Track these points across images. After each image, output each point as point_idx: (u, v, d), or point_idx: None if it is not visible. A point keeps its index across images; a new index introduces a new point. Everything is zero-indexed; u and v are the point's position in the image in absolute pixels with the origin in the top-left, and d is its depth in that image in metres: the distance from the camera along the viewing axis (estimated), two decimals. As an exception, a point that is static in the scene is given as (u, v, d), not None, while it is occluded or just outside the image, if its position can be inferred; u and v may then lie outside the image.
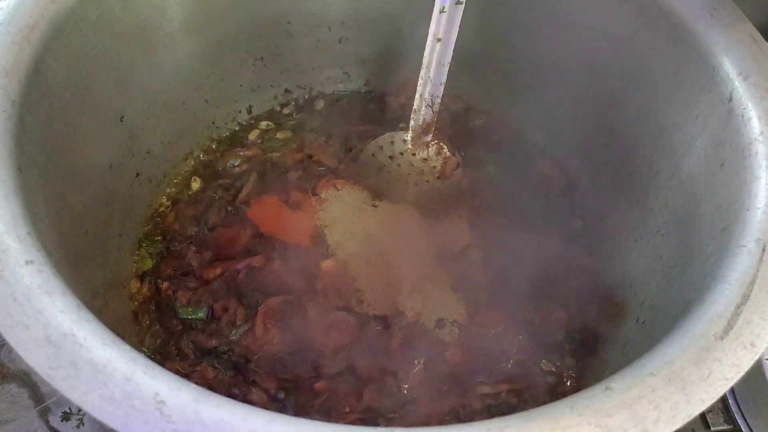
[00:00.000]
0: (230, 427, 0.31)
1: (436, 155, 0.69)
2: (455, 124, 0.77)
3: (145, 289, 0.64)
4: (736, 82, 0.48)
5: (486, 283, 0.64)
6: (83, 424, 0.64)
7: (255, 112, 0.79)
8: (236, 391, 0.57)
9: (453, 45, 0.59)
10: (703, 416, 0.65)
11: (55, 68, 0.48)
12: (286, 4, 0.70)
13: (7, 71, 0.44)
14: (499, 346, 0.61)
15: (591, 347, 0.61)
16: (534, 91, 0.72)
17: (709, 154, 0.50)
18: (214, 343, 0.60)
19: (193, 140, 0.74)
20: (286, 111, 0.80)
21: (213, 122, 0.75)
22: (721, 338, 0.36)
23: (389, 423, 0.55)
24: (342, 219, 0.67)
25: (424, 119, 0.66)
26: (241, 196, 0.69)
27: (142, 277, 0.64)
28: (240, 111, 0.78)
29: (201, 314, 0.61)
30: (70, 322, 0.34)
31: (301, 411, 0.56)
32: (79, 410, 0.65)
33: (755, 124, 0.46)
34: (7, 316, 0.34)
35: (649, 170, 0.59)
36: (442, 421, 0.56)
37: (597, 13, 0.60)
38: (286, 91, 0.80)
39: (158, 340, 0.61)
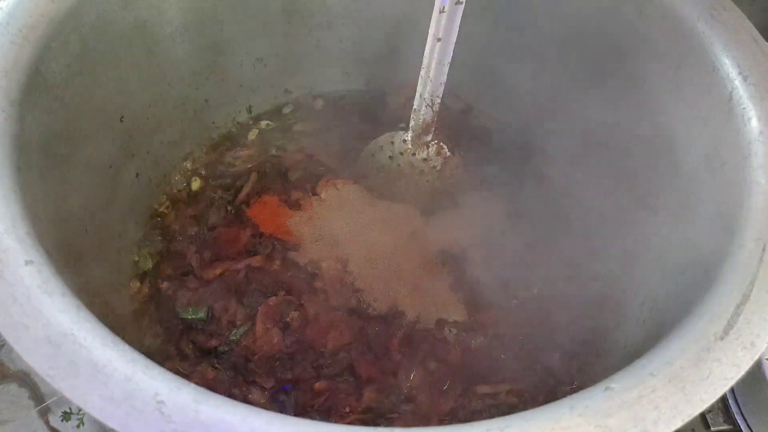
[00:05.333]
0: (230, 427, 0.31)
1: (436, 155, 0.69)
2: (455, 124, 0.77)
3: (145, 289, 0.64)
4: (736, 82, 0.48)
5: (486, 283, 0.64)
6: (83, 424, 0.64)
7: (255, 112, 0.79)
8: (236, 391, 0.57)
9: (453, 45, 0.59)
10: (703, 416, 0.65)
11: (55, 68, 0.48)
12: (286, 3, 0.70)
13: (7, 71, 0.44)
14: (498, 346, 0.61)
15: (591, 347, 0.61)
16: (534, 91, 0.72)
17: (709, 154, 0.50)
18: (214, 343, 0.60)
19: (193, 140, 0.74)
20: (286, 111, 0.80)
21: (213, 122, 0.75)
22: (721, 338, 0.36)
23: (389, 423, 0.55)
24: (342, 219, 0.67)
25: (424, 119, 0.66)
26: (241, 196, 0.69)
27: (142, 277, 0.64)
28: (240, 111, 0.78)
29: (201, 314, 0.61)
30: (70, 322, 0.34)
31: (301, 411, 0.56)
32: (79, 410, 0.65)
33: (755, 124, 0.46)
34: (7, 316, 0.34)
35: (649, 170, 0.59)
36: (442, 421, 0.56)
37: (597, 13, 0.60)
38: (286, 91, 0.80)
39: (158, 340, 0.61)
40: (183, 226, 0.68)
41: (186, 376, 0.57)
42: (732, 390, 0.66)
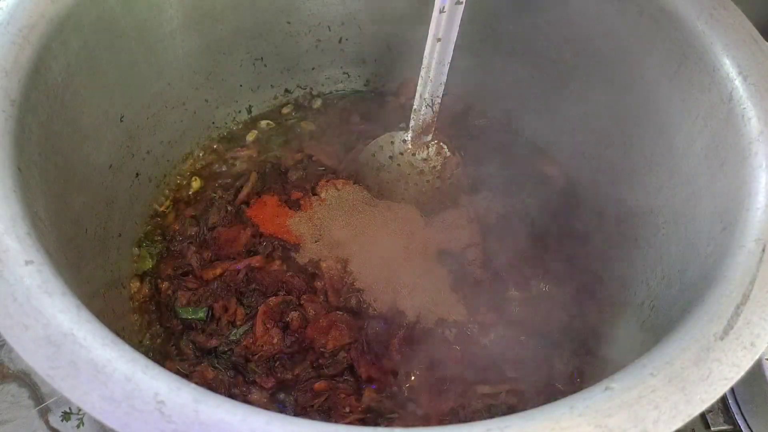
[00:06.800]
0: (230, 427, 0.31)
1: (436, 155, 0.69)
2: (455, 124, 0.77)
3: (145, 289, 0.64)
4: (736, 82, 0.48)
5: (486, 283, 0.64)
6: (83, 424, 0.64)
7: (255, 112, 0.79)
8: (236, 391, 0.57)
9: (453, 45, 0.59)
10: (703, 416, 0.65)
11: (55, 68, 0.48)
12: (286, 4, 0.70)
13: (7, 71, 0.44)
14: (499, 346, 0.61)
15: (591, 347, 0.61)
16: (534, 91, 0.72)
17: (709, 154, 0.50)
18: (214, 343, 0.60)
19: (193, 140, 0.74)
20: (286, 111, 0.80)
21: (213, 122, 0.75)
22: (721, 338, 0.36)
23: (389, 423, 0.55)
24: (342, 219, 0.67)
25: (424, 119, 0.66)
26: (241, 196, 0.69)
27: (142, 277, 0.64)
28: (240, 111, 0.78)
29: (201, 314, 0.61)
30: (70, 322, 0.34)
31: (301, 411, 0.56)
32: (79, 410, 0.65)
33: (755, 124, 0.46)
34: (7, 316, 0.34)
35: (649, 170, 0.59)
36: (442, 421, 0.56)
37: (597, 14, 0.60)
38: (286, 91, 0.80)
39: (158, 340, 0.61)
40: (183, 226, 0.68)
41: (186, 376, 0.57)
42: (732, 390, 0.66)
